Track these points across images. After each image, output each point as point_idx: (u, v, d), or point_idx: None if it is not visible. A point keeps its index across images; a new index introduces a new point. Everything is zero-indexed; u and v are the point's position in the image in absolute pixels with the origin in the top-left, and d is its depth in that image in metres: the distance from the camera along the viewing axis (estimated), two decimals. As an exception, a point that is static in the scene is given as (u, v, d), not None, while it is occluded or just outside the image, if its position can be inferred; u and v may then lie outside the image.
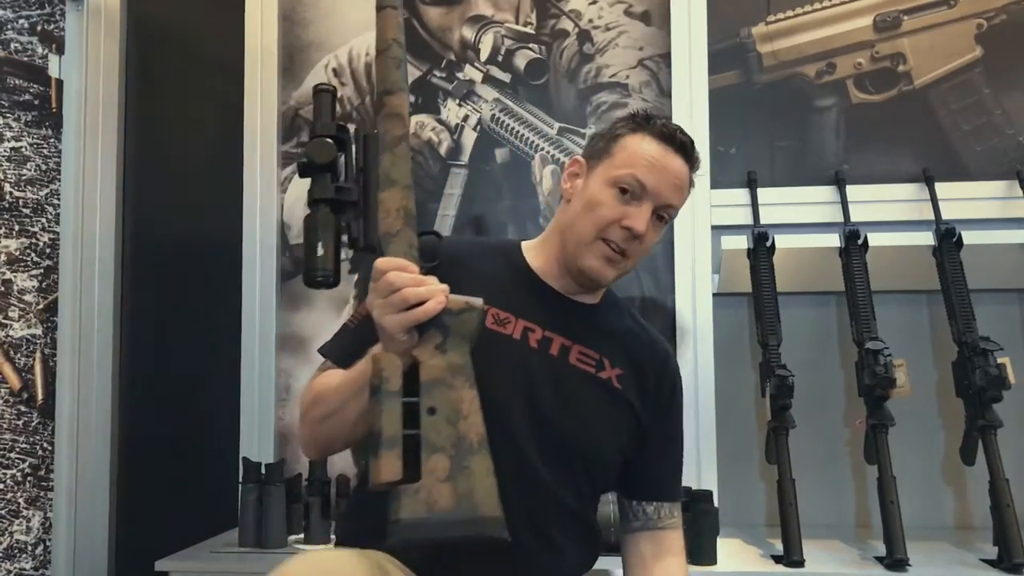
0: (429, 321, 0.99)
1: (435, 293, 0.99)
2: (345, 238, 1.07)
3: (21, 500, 2.06)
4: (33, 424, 2.08)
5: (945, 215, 1.77)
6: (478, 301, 1.03)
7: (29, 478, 2.07)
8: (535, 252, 1.28)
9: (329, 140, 1.07)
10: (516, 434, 1.14)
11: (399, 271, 1.00)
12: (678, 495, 1.32)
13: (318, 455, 1.23)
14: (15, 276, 2.10)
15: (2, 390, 2.06)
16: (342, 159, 1.09)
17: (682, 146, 1.20)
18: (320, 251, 1.03)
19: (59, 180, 2.12)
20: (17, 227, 2.11)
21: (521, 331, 1.20)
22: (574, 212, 1.21)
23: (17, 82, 2.13)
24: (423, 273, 1.02)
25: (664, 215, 1.21)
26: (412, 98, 2.04)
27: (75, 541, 2.01)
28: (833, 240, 1.75)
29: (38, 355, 2.09)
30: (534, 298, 1.23)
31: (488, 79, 2.01)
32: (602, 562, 1.54)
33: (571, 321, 1.23)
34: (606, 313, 1.28)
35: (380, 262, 1.01)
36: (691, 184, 1.24)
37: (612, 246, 1.18)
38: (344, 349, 1.20)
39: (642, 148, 1.19)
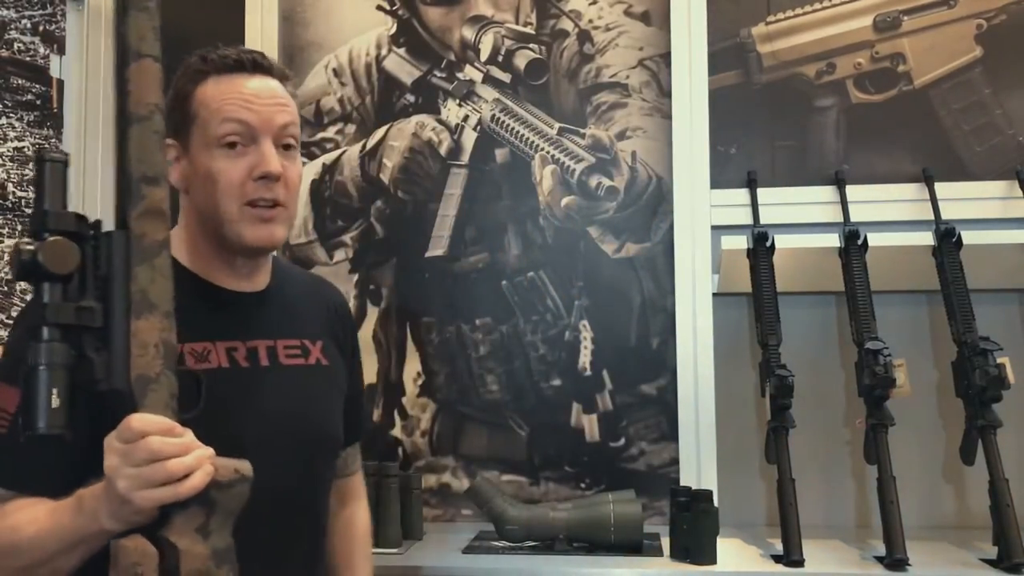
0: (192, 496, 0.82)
1: (202, 462, 0.82)
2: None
3: (22, 500, 2.06)
4: (34, 424, 2.08)
5: (945, 215, 1.76)
6: (246, 466, 0.86)
7: (30, 478, 2.07)
8: (188, 253, 1.08)
9: (70, 242, 0.83)
10: (277, 482, 1.01)
11: (163, 436, 0.81)
12: (361, 432, 1.29)
13: None
14: (17, 276, 2.10)
15: (4, 390, 2.06)
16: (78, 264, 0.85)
17: (254, 64, 1.06)
18: (55, 402, 0.79)
19: (60, 180, 2.12)
20: (20, 227, 2.11)
21: (226, 357, 1.05)
22: (200, 198, 1.05)
23: (20, 82, 2.13)
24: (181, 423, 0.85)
25: (288, 142, 1.06)
26: (412, 98, 2.04)
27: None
28: (833, 240, 1.75)
29: (39, 355, 2.09)
30: (214, 310, 1.07)
31: (488, 79, 2.01)
32: (602, 562, 1.55)
33: (261, 317, 1.11)
34: (283, 289, 1.16)
35: (137, 421, 0.81)
36: (293, 96, 1.09)
37: (261, 203, 1.03)
38: (19, 470, 0.96)
39: (219, 91, 1.04)
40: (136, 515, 0.82)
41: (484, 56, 2.02)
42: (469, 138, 2.00)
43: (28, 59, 2.15)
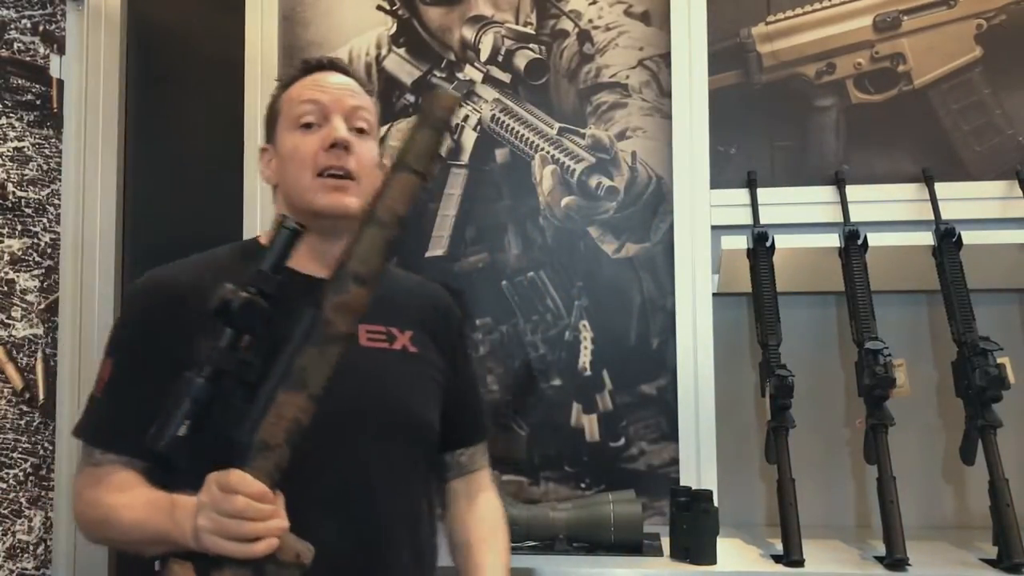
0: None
1: (272, 532, 0.89)
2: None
3: (23, 500, 2.06)
4: (35, 424, 2.08)
5: (945, 215, 1.76)
6: (308, 554, 0.92)
7: (31, 478, 2.07)
8: None
9: (265, 306, 0.93)
10: (350, 455, 1.08)
11: (255, 501, 0.89)
12: (485, 432, 1.32)
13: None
14: (17, 276, 2.10)
15: (5, 390, 2.07)
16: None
17: (331, 63, 1.21)
18: (182, 431, 0.90)
19: (60, 180, 2.12)
20: (19, 227, 2.11)
21: None
22: (283, 180, 1.17)
23: (20, 82, 2.13)
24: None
25: (360, 125, 1.17)
26: (412, 98, 2.04)
27: (75, 541, 2.02)
28: (833, 240, 1.75)
29: (40, 355, 2.10)
30: (299, 294, 1.09)
31: (488, 79, 2.01)
32: (602, 562, 1.55)
33: None
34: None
35: (237, 478, 0.89)
36: (367, 91, 1.22)
37: (332, 173, 1.13)
38: (105, 430, 1.11)
39: (300, 86, 1.18)
40: (195, 545, 0.91)
41: (484, 56, 2.02)
42: (469, 138, 2.00)
43: (28, 59, 2.15)
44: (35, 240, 2.12)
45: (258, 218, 2.03)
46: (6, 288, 2.09)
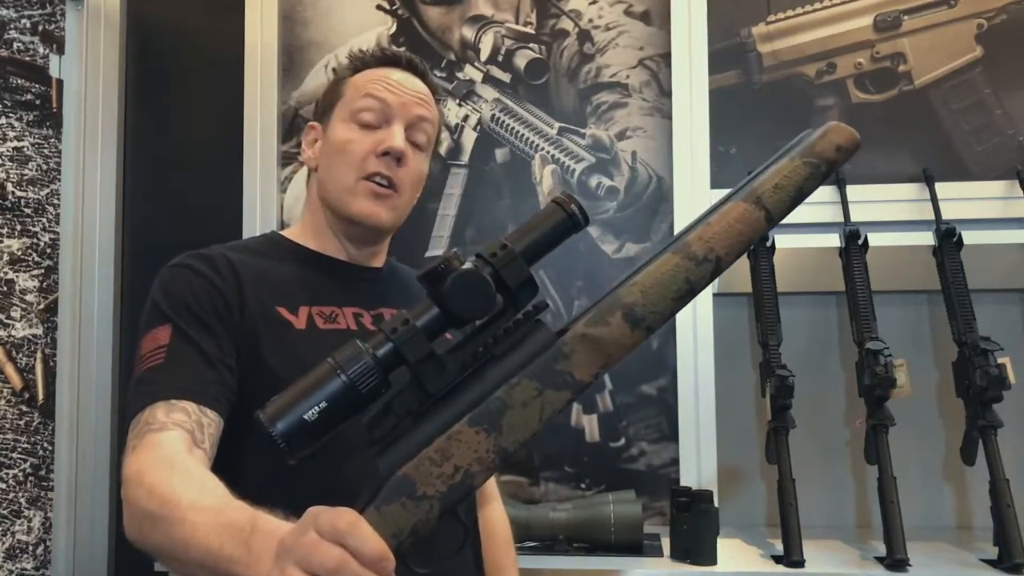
0: None
1: None
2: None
3: (23, 500, 2.06)
4: (34, 424, 2.08)
5: (945, 215, 1.76)
6: None
7: (30, 478, 2.07)
8: (303, 234, 1.16)
9: (493, 293, 0.66)
10: None
11: (364, 566, 0.59)
12: None
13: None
14: (17, 276, 2.10)
15: (4, 390, 2.06)
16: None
17: (408, 62, 1.14)
18: (310, 415, 0.63)
19: (60, 180, 2.12)
20: (19, 227, 2.11)
21: (354, 320, 1.08)
22: (325, 169, 1.11)
23: (19, 82, 2.13)
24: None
25: (419, 139, 1.11)
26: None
27: (75, 541, 2.02)
28: (833, 240, 1.74)
29: (39, 355, 2.09)
30: (338, 280, 1.11)
31: (488, 79, 2.01)
32: (602, 562, 1.55)
33: (382, 291, 1.15)
34: (399, 274, 1.23)
35: (349, 524, 0.60)
36: (436, 98, 1.16)
37: (376, 180, 1.07)
38: (176, 381, 0.93)
39: (370, 76, 1.11)
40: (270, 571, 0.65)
41: (484, 56, 2.02)
42: (469, 138, 2.00)
43: (28, 59, 2.15)
44: (34, 240, 2.12)
45: (257, 218, 2.02)
46: (6, 288, 2.08)
